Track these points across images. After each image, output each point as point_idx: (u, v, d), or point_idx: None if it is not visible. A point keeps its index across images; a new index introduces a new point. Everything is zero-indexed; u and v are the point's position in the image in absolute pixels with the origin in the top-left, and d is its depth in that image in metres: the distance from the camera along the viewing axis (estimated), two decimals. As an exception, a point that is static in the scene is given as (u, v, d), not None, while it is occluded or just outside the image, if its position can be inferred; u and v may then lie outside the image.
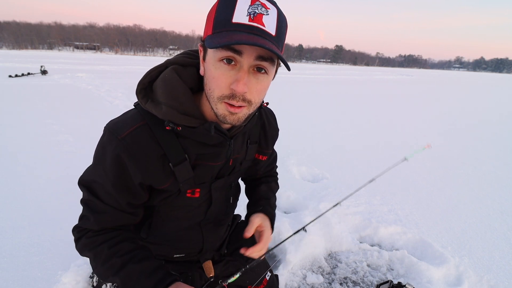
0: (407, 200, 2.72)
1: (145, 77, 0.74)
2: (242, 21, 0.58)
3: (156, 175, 0.75)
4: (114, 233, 0.77)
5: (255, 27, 0.59)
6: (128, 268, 0.72)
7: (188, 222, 0.92)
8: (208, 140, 0.75)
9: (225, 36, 0.58)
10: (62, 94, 7.38)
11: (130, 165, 0.71)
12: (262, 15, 0.59)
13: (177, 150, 0.74)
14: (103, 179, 0.74)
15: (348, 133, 5.11)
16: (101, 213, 0.75)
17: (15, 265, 1.66)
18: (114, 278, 0.72)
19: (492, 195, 2.97)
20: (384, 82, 20.42)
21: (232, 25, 0.58)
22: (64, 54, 55.15)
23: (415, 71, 70.82)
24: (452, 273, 1.81)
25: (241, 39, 0.56)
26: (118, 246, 0.75)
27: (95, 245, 0.75)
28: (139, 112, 0.73)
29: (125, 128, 0.71)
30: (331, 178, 3.08)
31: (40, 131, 4.13)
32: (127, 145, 0.70)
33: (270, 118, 1.00)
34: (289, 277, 1.74)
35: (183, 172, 0.77)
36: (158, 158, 0.73)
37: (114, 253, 0.73)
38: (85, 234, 0.77)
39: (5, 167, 2.89)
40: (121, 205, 0.76)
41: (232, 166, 0.90)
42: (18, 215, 2.11)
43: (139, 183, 0.74)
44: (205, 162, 0.80)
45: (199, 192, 0.85)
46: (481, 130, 6.04)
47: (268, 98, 0.91)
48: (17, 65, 15.67)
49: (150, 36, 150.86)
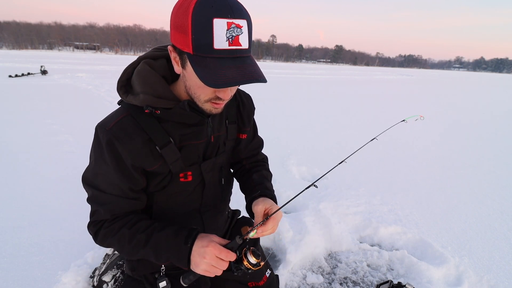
0: (407, 200, 2.72)
1: (123, 75, 0.82)
2: (223, 47, 0.63)
3: (144, 157, 0.81)
4: (128, 217, 0.85)
5: (235, 50, 0.65)
6: (155, 238, 0.80)
7: (187, 209, 0.96)
8: (186, 119, 0.83)
9: (216, 72, 0.63)
10: (62, 94, 7.38)
11: (121, 150, 0.78)
12: (238, 36, 0.64)
13: (161, 134, 0.81)
14: (104, 169, 0.80)
15: (348, 133, 5.11)
16: (108, 203, 0.82)
17: (15, 265, 1.66)
18: (145, 250, 0.80)
19: (492, 195, 2.97)
20: (384, 82, 20.42)
21: (214, 52, 0.63)
22: (64, 54, 55.17)
23: (415, 71, 70.84)
24: (452, 273, 1.81)
25: (235, 79, 0.63)
26: (137, 225, 0.83)
27: (115, 231, 0.82)
28: (123, 107, 0.83)
29: (111, 121, 0.79)
30: (331, 178, 3.08)
31: (40, 131, 4.14)
32: (115, 133, 0.77)
33: (244, 99, 1.05)
34: (289, 277, 1.74)
35: (170, 153, 0.83)
36: (144, 142, 0.80)
37: (136, 231, 0.81)
38: (101, 226, 0.85)
39: (5, 167, 2.89)
40: (124, 191, 0.82)
41: (216, 144, 0.95)
42: (18, 215, 2.11)
43: (132, 165, 0.80)
44: (188, 142, 0.86)
45: (191, 175, 0.90)
46: (481, 129, 6.04)
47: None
48: (17, 65, 15.68)
49: (150, 36, 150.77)
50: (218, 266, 0.76)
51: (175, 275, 0.96)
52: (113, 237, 0.82)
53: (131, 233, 0.81)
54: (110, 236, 0.83)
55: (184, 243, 0.78)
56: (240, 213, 1.28)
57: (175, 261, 0.80)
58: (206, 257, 0.75)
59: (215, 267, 0.76)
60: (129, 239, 0.81)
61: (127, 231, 0.81)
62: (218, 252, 0.75)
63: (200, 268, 0.76)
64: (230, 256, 0.76)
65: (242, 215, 1.28)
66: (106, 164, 0.80)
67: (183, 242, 0.78)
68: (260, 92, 8.95)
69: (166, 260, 0.81)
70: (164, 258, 0.80)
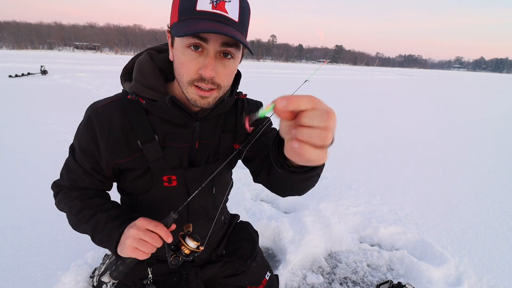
0: (407, 200, 2.72)
1: (129, 62, 0.83)
2: (206, 8, 0.61)
3: (118, 145, 0.78)
4: (86, 190, 0.86)
5: (218, 14, 0.62)
6: (97, 217, 0.79)
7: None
8: (170, 116, 0.78)
9: (190, 24, 0.61)
10: (62, 94, 7.38)
11: (97, 131, 0.77)
12: (224, 2, 0.62)
13: (146, 127, 0.78)
14: (75, 140, 0.83)
15: (348, 132, 5.11)
16: (73, 172, 0.84)
17: (15, 265, 1.66)
18: (86, 226, 0.80)
19: (492, 195, 2.97)
20: (384, 82, 20.42)
21: (196, 13, 0.61)
22: (64, 54, 55.17)
23: (415, 71, 70.84)
24: (452, 273, 1.81)
25: (204, 27, 0.59)
26: (90, 201, 0.83)
27: (69, 200, 0.84)
28: (121, 92, 0.82)
29: (103, 101, 0.80)
30: (331, 178, 3.08)
31: (40, 131, 4.13)
32: (98, 113, 0.77)
33: (247, 106, 0.94)
34: (289, 277, 1.74)
35: (152, 151, 0.80)
36: (123, 130, 0.78)
37: (86, 206, 0.82)
38: (61, 190, 0.87)
39: (5, 167, 2.89)
40: (87, 168, 0.82)
41: (206, 152, 0.88)
42: (18, 215, 2.11)
43: (101, 151, 0.79)
44: (171, 142, 0.82)
45: (176, 180, 0.85)
46: (481, 129, 6.03)
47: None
48: (17, 65, 15.67)
49: (150, 36, 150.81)
50: (147, 238, 0.67)
51: (164, 281, 0.95)
52: (66, 204, 0.84)
53: (81, 206, 0.81)
54: (64, 203, 0.84)
55: (118, 227, 0.74)
56: (239, 217, 1.24)
57: (106, 244, 0.76)
58: (134, 228, 0.69)
59: (142, 240, 0.68)
60: (77, 211, 0.81)
61: (79, 203, 0.82)
62: (147, 222, 0.69)
63: (126, 244, 0.69)
64: (160, 228, 0.68)
65: (241, 219, 1.25)
66: (77, 135, 0.81)
67: (117, 226, 0.75)
68: (261, 92, 8.96)
69: (99, 242, 0.78)
70: (98, 239, 0.78)
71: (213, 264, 1.05)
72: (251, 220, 1.79)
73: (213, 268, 1.05)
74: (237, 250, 1.10)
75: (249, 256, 1.09)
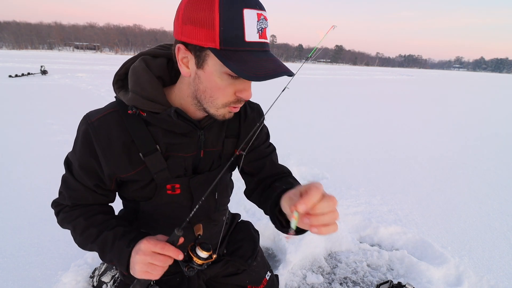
0: (407, 200, 2.72)
1: (121, 68, 0.78)
2: (254, 39, 0.60)
3: (120, 162, 0.76)
4: (89, 207, 0.83)
5: (264, 43, 0.62)
6: (104, 235, 0.76)
7: (176, 221, 0.88)
8: (175, 127, 0.76)
9: (250, 62, 0.59)
10: (62, 94, 7.38)
11: (97, 148, 0.74)
12: (266, 28, 0.62)
13: (146, 139, 0.76)
14: (73, 158, 0.79)
15: (348, 133, 5.11)
16: (74, 190, 0.80)
17: (15, 265, 1.66)
18: (92, 245, 0.77)
19: (492, 195, 2.97)
20: (384, 82, 20.41)
21: (246, 44, 0.60)
22: (64, 54, 55.18)
23: (415, 71, 70.82)
24: (452, 273, 1.81)
25: (275, 71, 0.60)
26: (93, 218, 0.80)
27: (72, 218, 0.81)
28: (115, 102, 0.78)
29: (97, 114, 0.76)
30: (331, 178, 3.08)
31: (40, 131, 4.14)
32: (95, 128, 0.74)
33: (250, 112, 0.93)
34: (289, 277, 1.74)
35: (155, 162, 0.78)
36: (124, 144, 0.75)
37: (91, 224, 0.79)
38: (62, 209, 0.84)
39: (5, 167, 2.89)
40: (90, 186, 0.80)
41: (209, 160, 0.87)
42: (18, 215, 2.11)
43: (103, 167, 0.76)
44: (175, 153, 0.80)
45: (180, 188, 0.84)
46: (481, 129, 6.04)
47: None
48: (17, 65, 15.68)
49: (150, 36, 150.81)
50: (155, 261, 0.66)
51: (166, 281, 0.94)
52: (69, 223, 0.81)
53: (86, 225, 0.78)
54: (67, 221, 0.82)
55: (127, 246, 0.71)
56: (240, 216, 1.23)
57: (117, 265, 0.74)
58: (140, 253, 0.67)
59: (152, 264, 0.66)
60: (82, 230, 0.78)
61: (83, 221, 0.79)
62: (152, 245, 0.66)
63: (136, 269, 0.68)
64: (167, 249, 0.66)
65: (242, 219, 1.24)
66: (75, 154, 0.78)
67: (126, 244, 0.72)
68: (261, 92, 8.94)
69: (110, 261, 0.76)
70: (108, 258, 0.76)
71: (215, 264, 1.05)
72: (251, 220, 1.78)
73: (215, 267, 1.05)
74: (238, 250, 1.10)
75: (250, 256, 1.09)
